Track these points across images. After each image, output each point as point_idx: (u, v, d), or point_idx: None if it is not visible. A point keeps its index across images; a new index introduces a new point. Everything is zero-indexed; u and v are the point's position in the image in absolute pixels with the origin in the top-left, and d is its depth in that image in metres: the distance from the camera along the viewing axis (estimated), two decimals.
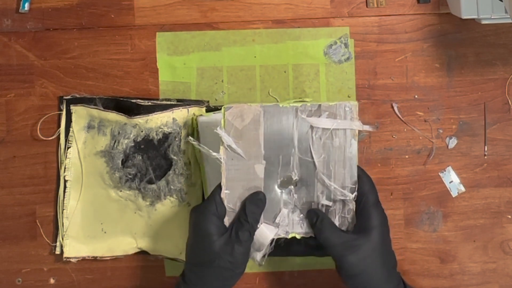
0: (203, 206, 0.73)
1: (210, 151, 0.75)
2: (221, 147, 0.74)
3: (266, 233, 0.74)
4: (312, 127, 0.75)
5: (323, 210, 0.74)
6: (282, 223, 0.75)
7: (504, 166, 0.86)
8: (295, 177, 0.75)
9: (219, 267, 0.70)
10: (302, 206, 0.75)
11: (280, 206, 0.75)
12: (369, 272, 0.70)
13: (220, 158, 0.74)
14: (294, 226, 0.75)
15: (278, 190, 0.75)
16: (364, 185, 0.74)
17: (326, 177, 0.75)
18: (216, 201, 0.72)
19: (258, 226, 0.74)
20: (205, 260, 0.71)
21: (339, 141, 0.75)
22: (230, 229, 0.72)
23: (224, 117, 0.74)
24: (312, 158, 0.75)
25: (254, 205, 0.72)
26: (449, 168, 0.86)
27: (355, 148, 0.74)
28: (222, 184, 0.74)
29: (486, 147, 0.86)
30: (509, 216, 0.87)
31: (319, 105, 0.74)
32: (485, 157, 0.87)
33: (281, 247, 0.76)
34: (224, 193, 0.73)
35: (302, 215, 0.75)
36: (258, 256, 0.75)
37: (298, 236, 0.75)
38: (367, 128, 0.75)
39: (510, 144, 0.86)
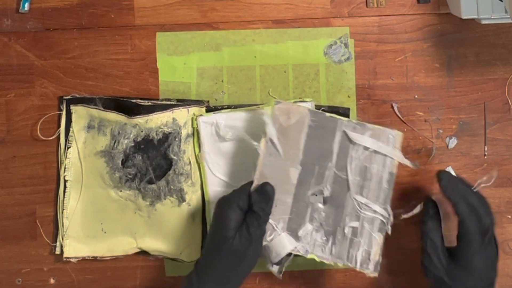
0: (229, 196, 0.74)
1: (252, 140, 0.75)
2: (263, 139, 0.74)
3: (285, 243, 0.73)
4: (353, 144, 0.74)
5: (349, 235, 0.74)
6: (304, 239, 0.74)
7: (504, 166, 0.86)
8: (326, 193, 0.74)
9: (229, 248, 0.71)
10: (327, 228, 0.74)
11: (306, 219, 0.74)
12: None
13: (259, 149, 0.74)
14: (316, 248, 0.74)
15: (307, 202, 0.74)
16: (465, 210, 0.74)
17: (357, 204, 0.74)
18: (241, 195, 0.73)
19: (280, 233, 0.73)
20: (218, 242, 0.72)
21: (377, 168, 0.74)
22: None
23: (272, 110, 0.73)
24: (347, 176, 0.74)
25: (261, 196, 0.73)
26: (449, 168, 0.86)
27: (392, 181, 0.73)
28: (255, 177, 0.74)
29: (486, 147, 0.86)
30: (509, 216, 0.87)
31: (364, 124, 0.74)
32: (485, 157, 0.87)
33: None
34: (255, 184, 0.74)
35: (325, 238, 0.74)
36: (276, 269, 0.74)
37: (317, 259, 0.74)
38: (407, 162, 0.74)
39: (510, 144, 0.86)
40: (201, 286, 0.72)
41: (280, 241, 0.73)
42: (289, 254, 0.74)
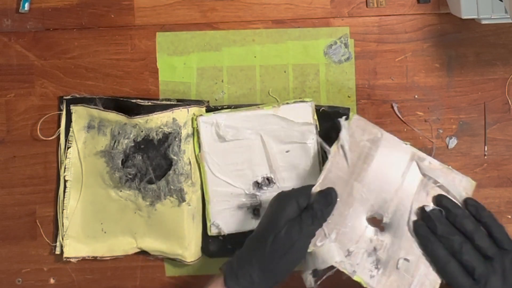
0: (289, 191, 0.74)
1: (325, 144, 0.75)
2: (335, 144, 0.74)
3: (334, 253, 0.71)
4: (423, 178, 0.73)
5: (402, 270, 0.72)
6: (354, 257, 0.72)
7: (504, 166, 0.86)
8: (386, 219, 0.73)
9: (276, 238, 0.70)
10: (381, 255, 0.72)
11: (359, 237, 0.72)
12: None
13: (329, 153, 0.74)
14: (363, 270, 0.71)
15: (365, 222, 0.73)
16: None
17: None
18: (302, 192, 0.73)
19: (331, 241, 0.72)
20: (267, 231, 0.71)
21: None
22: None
23: (350, 119, 0.74)
24: (411, 209, 0.73)
25: (324, 198, 0.72)
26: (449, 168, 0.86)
27: None
28: (318, 180, 0.74)
29: (486, 147, 0.86)
30: (509, 216, 0.87)
31: (437, 162, 0.73)
32: (485, 157, 0.87)
33: None
34: (317, 187, 0.73)
35: (375, 264, 0.72)
36: (312, 280, 0.72)
37: (364, 284, 0.71)
38: None
39: (510, 144, 0.86)
40: (240, 271, 0.71)
41: (330, 249, 0.71)
42: (332, 267, 0.71)
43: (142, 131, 0.82)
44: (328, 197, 0.73)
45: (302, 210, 0.72)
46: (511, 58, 0.86)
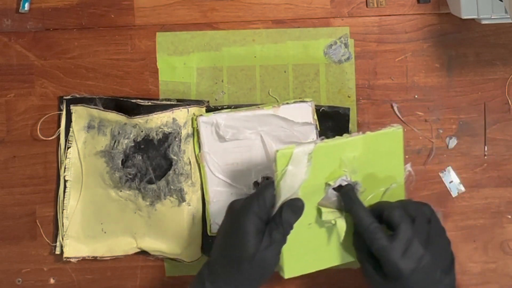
0: (246, 203, 0.71)
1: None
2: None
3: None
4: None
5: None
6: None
7: (504, 166, 0.86)
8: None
9: (251, 265, 0.69)
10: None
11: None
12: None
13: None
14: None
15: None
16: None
17: None
18: (259, 203, 0.70)
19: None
20: (238, 256, 0.70)
21: None
22: (265, 229, 0.70)
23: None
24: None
25: (291, 211, 0.70)
26: (449, 168, 0.86)
27: None
28: (279, 198, 0.71)
29: (486, 147, 0.86)
30: (509, 216, 0.87)
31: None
32: (485, 157, 0.87)
33: None
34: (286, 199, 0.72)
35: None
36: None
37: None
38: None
39: (510, 144, 0.86)
40: None
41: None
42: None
43: (142, 131, 0.82)
44: (296, 209, 0.71)
45: (265, 221, 0.70)
46: (511, 58, 0.86)
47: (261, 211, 0.70)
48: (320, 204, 0.74)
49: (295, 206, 0.71)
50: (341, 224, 0.74)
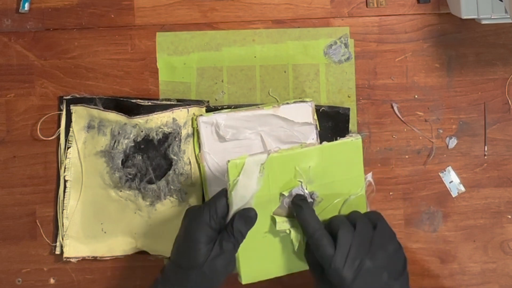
0: (198, 212, 0.72)
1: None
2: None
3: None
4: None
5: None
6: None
7: (504, 166, 0.86)
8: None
9: (200, 274, 0.70)
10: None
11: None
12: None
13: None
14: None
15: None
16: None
17: None
18: (211, 212, 0.71)
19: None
20: (188, 264, 0.70)
21: None
22: (216, 239, 0.71)
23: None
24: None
25: (243, 221, 0.71)
26: (449, 168, 0.86)
27: None
28: (232, 207, 0.71)
29: (486, 147, 0.86)
30: (509, 216, 0.87)
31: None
32: (485, 157, 0.87)
33: None
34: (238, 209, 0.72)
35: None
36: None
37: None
38: None
39: (510, 144, 0.86)
40: None
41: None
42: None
43: (142, 131, 0.82)
44: (248, 219, 0.71)
45: (218, 230, 0.71)
46: (511, 58, 0.86)
47: (213, 220, 0.70)
48: (275, 213, 0.73)
49: (247, 216, 0.71)
50: (295, 234, 0.74)
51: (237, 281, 0.75)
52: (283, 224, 0.74)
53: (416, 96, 0.86)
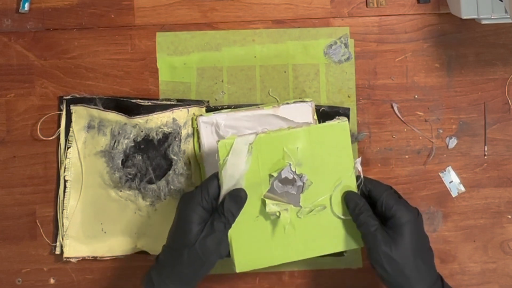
0: (191, 194, 0.74)
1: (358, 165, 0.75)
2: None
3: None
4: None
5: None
6: None
7: (504, 166, 0.86)
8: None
9: (191, 253, 0.71)
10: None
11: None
12: (405, 266, 0.72)
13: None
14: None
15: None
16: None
17: None
18: (203, 193, 0.73)
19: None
20: (180, 244, 0.72)
21: None
22: (208, 219, 0.73)
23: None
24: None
25: (233, 201, 0.73)
26: (449, 168, 0.86)
27: None
28: (222, 184, 0.73)
29: (486, 147, 0.86)
30: (509, 216, 0.87)
31: None
32: (485, 157, 0.87)
33: None
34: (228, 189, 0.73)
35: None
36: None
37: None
38: None
39: (510, 144, 0.86)
40: (161, 285, 0.72)
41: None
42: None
43: (142, 131, 0.82)
44: (238, 199, 0.73)
45: (210, 211, 0.73)
46: (511, 58, 0.86)
47: (205, 200, 0.72)
48: (266, 196, 0.75)
49: (236, 196, 0.73)
50: (285, 216, 0.74)
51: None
52: (273, 206, 0.75)
53: (416, 96, 0.86)
